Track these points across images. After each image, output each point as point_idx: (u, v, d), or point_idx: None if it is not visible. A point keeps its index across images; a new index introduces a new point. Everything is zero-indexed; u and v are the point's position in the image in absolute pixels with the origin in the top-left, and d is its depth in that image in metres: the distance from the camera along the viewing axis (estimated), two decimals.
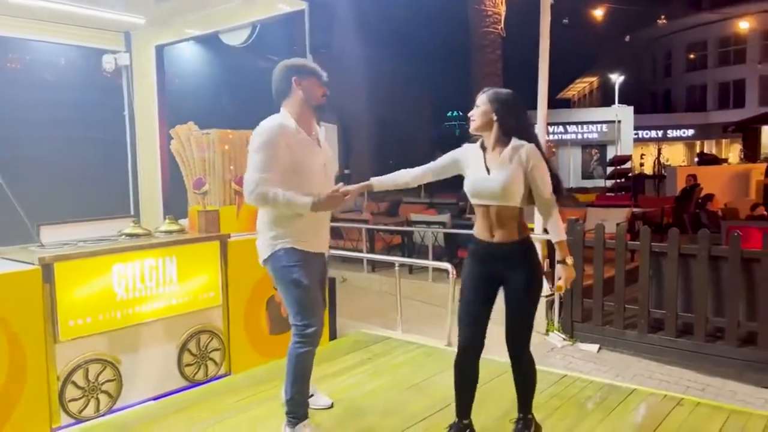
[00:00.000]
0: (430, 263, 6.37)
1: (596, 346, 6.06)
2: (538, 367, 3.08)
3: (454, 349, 4.62)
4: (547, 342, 6.30)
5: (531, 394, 2.99)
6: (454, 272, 4.89)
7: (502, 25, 10.08)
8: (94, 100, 6.59)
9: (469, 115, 2.84)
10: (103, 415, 3.53)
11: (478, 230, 2.80)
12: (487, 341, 2.92)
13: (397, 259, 5.34)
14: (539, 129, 6.75)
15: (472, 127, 2.80)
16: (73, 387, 3.42)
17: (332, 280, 5.01)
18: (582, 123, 32.20)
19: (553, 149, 30.93)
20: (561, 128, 31.88)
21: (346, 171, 21.61)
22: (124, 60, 6.45)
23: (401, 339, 4.89)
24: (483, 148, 2.79)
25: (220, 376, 4.16)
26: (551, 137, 30.85)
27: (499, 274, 2.77)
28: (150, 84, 6.36)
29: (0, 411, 3.12)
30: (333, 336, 5.01)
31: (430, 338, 5.03)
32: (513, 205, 2.70)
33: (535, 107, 6.69)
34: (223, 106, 7.46)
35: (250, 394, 3.76)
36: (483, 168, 2.73)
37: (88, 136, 6.41)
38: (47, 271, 3.29)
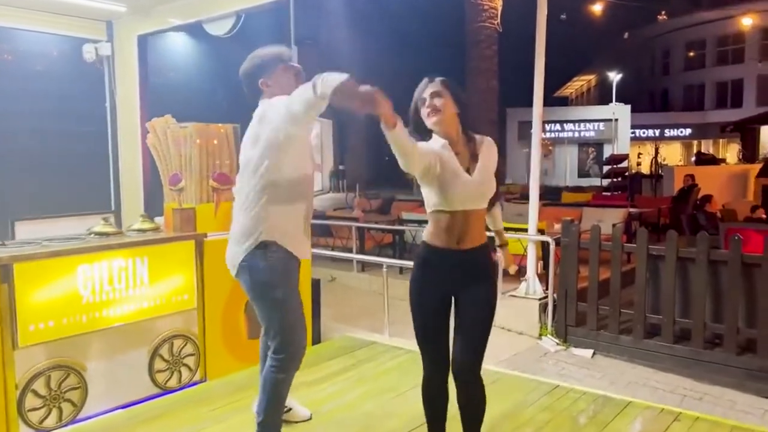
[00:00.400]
0: None
1: (590, 352, 5.88)
2: (530, 375, 2.88)
3: None
4: (540, 346, 6.11)
5: (480, 426, 2.57)
6: None
7: (499, 20, 9.86)
8: (75, 92, 6.37)
9: (427, 106, 2.42)
10: (65, 425, 3.32)
11: (440, 237, 2.42)
12: None
13: (385, 260, 5.14)
14: (535, 126, 6.56)
15: (436, 119, 2.40)
16: (33, 396, 3.21)
17: (316, 282, 4.81)
18: (579, 121, 32.06)
19: (550, 147, 30.86)
20: (558, 126, 31.74)
21: (341, 167, 21.47)
22: (106, 50, 6.22)
23: (388, 344, 4.69)
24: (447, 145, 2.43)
25: (195, 383, 3.95)
26: (547, 135, 30.74)
27: (457, 286, 2.46)
28: (132, 75, 6.14)
29: None
30: (317, 340, 4.81)
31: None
32: (485, 206, 2.50)
33: (531, 104, 6.50)
34: (211, 98, 7.24)
35: (227, 402, 3.56)
36: (460, 169, 2.40)
37: (69, 128, 6.20)
38: (5, 272, 3.07)
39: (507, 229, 7.25)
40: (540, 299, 6.40)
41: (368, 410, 3.43)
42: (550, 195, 14.14)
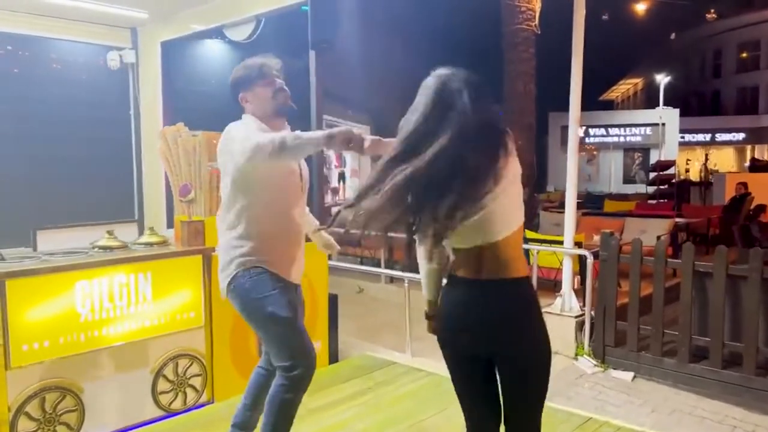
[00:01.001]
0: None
1: (630, 374, 5.46)
2: (565, 399, 2.56)
3: None
4: (576, 368, 5.72)
5: None
6: None
7: (537, 21, 9.51)
8: (100, 99, 6.34)
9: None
10: None
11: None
12: None
13: (405, 275, 4.86)
14: (571, 131, 6.19)
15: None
16: (26, 418, 3.06)
17: (333, 297, 4.58)
18: (624, 125, 31.09)
19: (594, 152, 30.02)
20: (602, 131, 30.85)
21: None
22: (130, 57, 6.18)
23: (408, 365, 4.42)
24: None
25: (201, 405, 3.76)
26: (591, 140, 29.92)
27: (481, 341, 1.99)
28: (155, 82, 6.08)
29: None
30: (334, 359, 4.57)
31: (440, 364, 4.55)
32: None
33: (565, 107, 6.13)
34: (235, 105, 7.14)
35: (228, 426, 3.35)
36: None
37: (95, 135, 6.16)
38: None
39: (541, 241, 6.94)
40: (576, 316, 6.01)
41: None
42: (593, 203, 13.62)
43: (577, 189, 6.16)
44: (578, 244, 6.36)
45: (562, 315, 6.09)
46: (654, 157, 26.91)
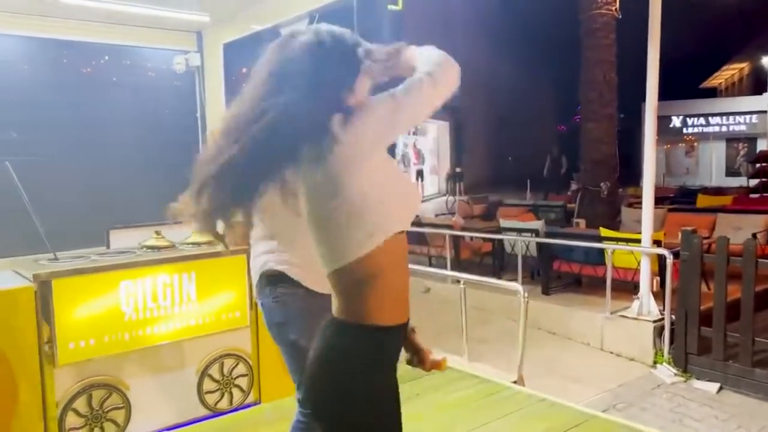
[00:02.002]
0: (498, 282, 5.57)
1: (716, 386, 4.98)
2: (630, 416, 2.30)
3: (521, 389, 3.93)
4: (654, 376, 5.29)
5: None
6: (526, 294, 4.13)
7: (617, 5, 8.92)
8: (168, 102, 6.54)
9: None
10: None
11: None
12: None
13: (462, 275, 4.66)
14: (648, 121, 5.74)
15: None
16: (74, 415, 3.14)
17: None
18: (727, 114, 28.90)
19: (693, 143, 28.14)
20: (702, 120, 28.84)
21: (458, 170, 20.89)
22: (195, 60, 6.31)
23: (463, 370, 4.22)
24: None
25: (248, 405, 3.75)
26: (690, 130, 28.06)
27: None
28: (218, 83, 6.18)
29: None
30: None
31: (497, 371, 4.33)
32: None
33: (668, 98, 5.68)
34: None
35: (280, 427, 3.29)
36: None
37: (163, 138, 6.35)
38: (44, 288, 3.03)
39: (616, 240, 6.49)
40: (655, 321, 5.57)
41: None
42: (686, 198, 12.66)
43: (655, 182, 5.73)
44: (658, 243, 5.88)
45: (639, 319, 5.67)
46: (761, 147, 24.86)
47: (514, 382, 4.03)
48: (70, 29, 5.54)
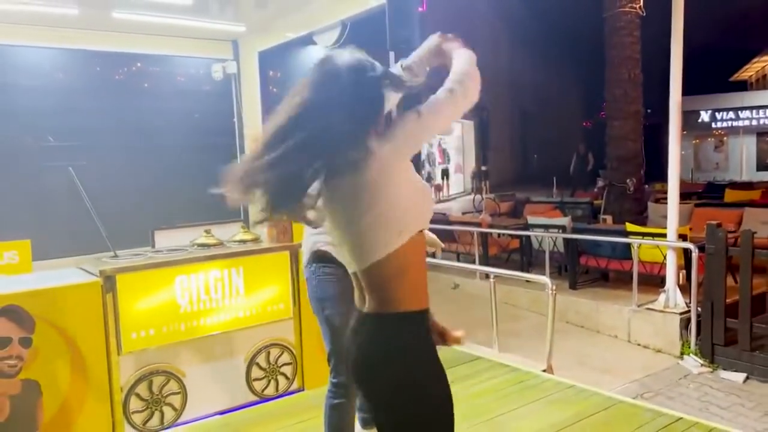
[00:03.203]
0: (527, 275, 5.75)
1: (742, 376, 5.10)
2: (656, 404, 2.46)
3: (551, 377, 4.11)
4: (680, 367, 5.42)
5: None
6: (554, 287, 4.31)
7: (641, 3, 8.99)
8: (207, 109, 6.83)
9: None
10: (167, 428, 3.51)
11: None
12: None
13: (492, 270, 4.85)
14: (672, 115, 5.84)
15: None
16: (136, 399, 3.43)
17: None
18: (757, 107, 28.44)
19: (723, 138, 27.75)
20: (732, 114, 28.42)
21: (483, 168, 21.01)
22: (232, 68, 6.60)
23: (493, 360, 4.42)
24: None
25: (293, 392, 4.00)
26: (719, 125, 27.69)
27: None
28: (254, 90, 6.47)
29: (63, 421, 3.19)
30: None
31: (527, 360, 4.51)
32: None
33: (694, 93, 5.80)
34: None
35: (320, 413, 3.55)
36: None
37: (203, 142, 6.65)
38: (109, 283, 3.32)
39: (642, 234, 6.61)
40: (681, 313, 5.69)
41: None
42: (715, 192, 12.62)
43: (683, 178, 5.83)
44: (684, 237, 6.00)
45: (666, 311, 5.80)
46: None
47: (543, 371, 4.21)
48: (113, 41, 5.84)
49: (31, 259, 4.64)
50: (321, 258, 2.54)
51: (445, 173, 21.01)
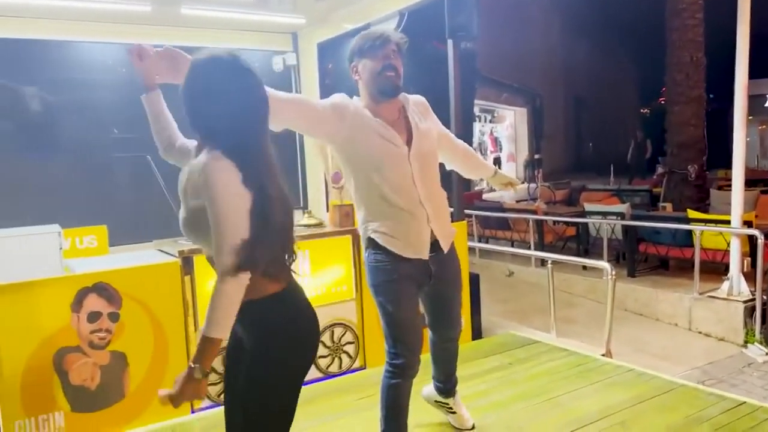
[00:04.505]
0: (585, 261, 5.73)
1: None
2: (726, 385, 2.47)
3: (609, 361, 4.13)
4: (744, 355, 5.33)
5: None
6: (614, 272, 4.32)
7: None
8: None
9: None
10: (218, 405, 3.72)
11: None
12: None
13: (549, 255, 4.88)
14: (737, 99, 5.70)
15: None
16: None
17: (475, 277, 4.75)
18: None
19: None
20: None
21: (536, 156, 20.75)
22: (292, 60, 6.79)
23: (551, 344, 4.47)
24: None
25: (355, 370, 4.17)
26: None
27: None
28: (313, 81, 6.65)
29: (146, 390, 3.44)
30: (477, 336, 4.75)
31: (585, 344, 4.54)
32: None
33: (761, 76, 5.65)
34: None
35: (376, 391, 3.69)
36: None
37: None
38: (187, 263, 3.55)
39: (706, 221, 6.48)
40: (746, 301, 5.57)
41: (512, 413, 3.31)
42: None
43: (749, 165, 5.69)
44: (749, 224, 5.86)
45: (729, 299, 5.69)
46: None
47: (602, 355, 4.23)
48: (178, 36, 6.09)
49: (108, 244, 4.95)
50: (370, 244, 2.54)
51: (497, 162, 20.85)
